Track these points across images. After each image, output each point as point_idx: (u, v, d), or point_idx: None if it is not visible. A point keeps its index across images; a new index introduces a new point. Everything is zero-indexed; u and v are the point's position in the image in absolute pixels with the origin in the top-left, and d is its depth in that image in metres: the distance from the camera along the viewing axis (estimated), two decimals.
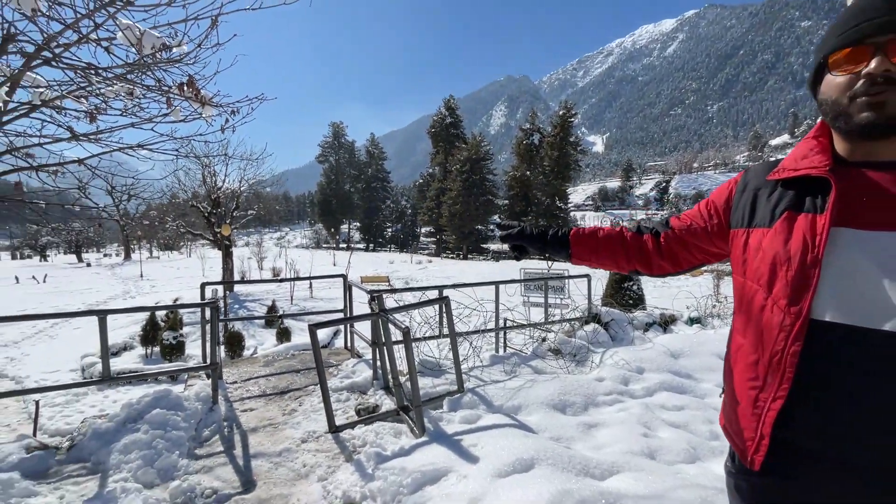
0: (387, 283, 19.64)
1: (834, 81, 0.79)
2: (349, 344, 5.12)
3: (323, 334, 9.72)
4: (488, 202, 45.88)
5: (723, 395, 1.02)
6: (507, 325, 5.21)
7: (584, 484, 2.02)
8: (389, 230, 72.01)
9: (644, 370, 4.04)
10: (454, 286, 4.39)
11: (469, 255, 45.36)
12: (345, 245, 62.75)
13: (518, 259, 1.43)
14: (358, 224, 68.95)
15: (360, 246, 68.02)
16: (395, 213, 72.25)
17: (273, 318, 9.56)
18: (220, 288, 12.76)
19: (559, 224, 41.96)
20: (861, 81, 0.74)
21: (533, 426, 3.00)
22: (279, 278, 5.71)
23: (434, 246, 54.72)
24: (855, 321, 0.73)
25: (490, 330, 4.79)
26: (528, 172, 43.79)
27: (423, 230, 62.25)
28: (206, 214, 15.10)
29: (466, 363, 4.33)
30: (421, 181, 59.19)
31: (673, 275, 1.21)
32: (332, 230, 66.95)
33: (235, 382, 4.28)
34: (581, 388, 3.53)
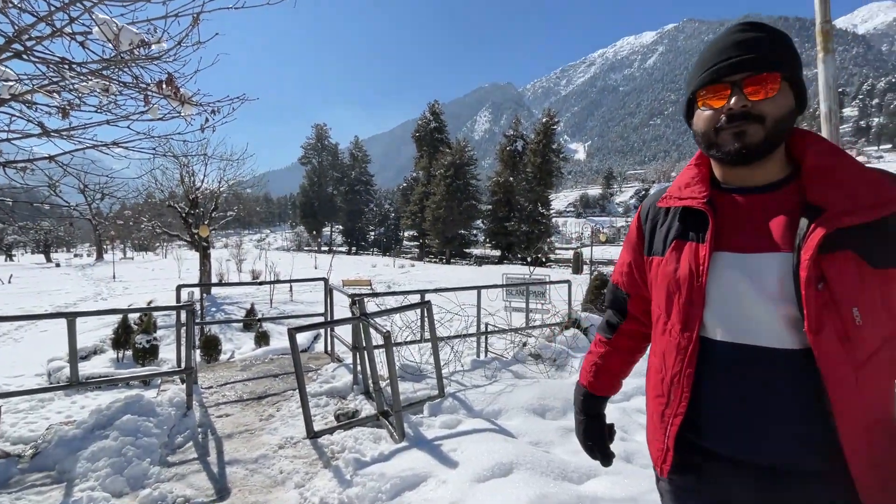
0: (369, 287, 19.48)
1: (703, 115, 0.86)
2: (329, 348, 5.06)
3: (303, 338, 9.58)
4: (472, 207, 46.06)
5: None
6: (489, 329, 5.23)
7: (562, 488, 2.04)
8: (372, 234, 71.54)
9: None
10: (436, 290, 4.39)
11: (452, 260, 45.40)
12: (327, 248, 62.10)
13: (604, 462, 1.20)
14: (340, 227, 68.31)
15: (343, 249, 67.37)
16: (379, 216, 71.85)
17: (251, 321, 9.37)
18: (197, 290, 12.47)
19: (539, 230, 42.01)
20: (723, 116, 0.81)
21: (513, 431, 3.01)
22: (258, 281, 5.61)
23: (417, 250, 54.60)
24: (737, 339, 0.81)
25: (471, 335, 4.80)
26: (511, 178, 44.13)
27: (406, 234, 62.02)
28: (184, 215, 14.75)
29: (447, 368, 4.33)
30: (405, 185, 59.08)
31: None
32: (314, 233, 66.20)
33: (211, 387, 4.18)
34: (561, 393, 3.57)
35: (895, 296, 0.74)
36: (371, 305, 4.75)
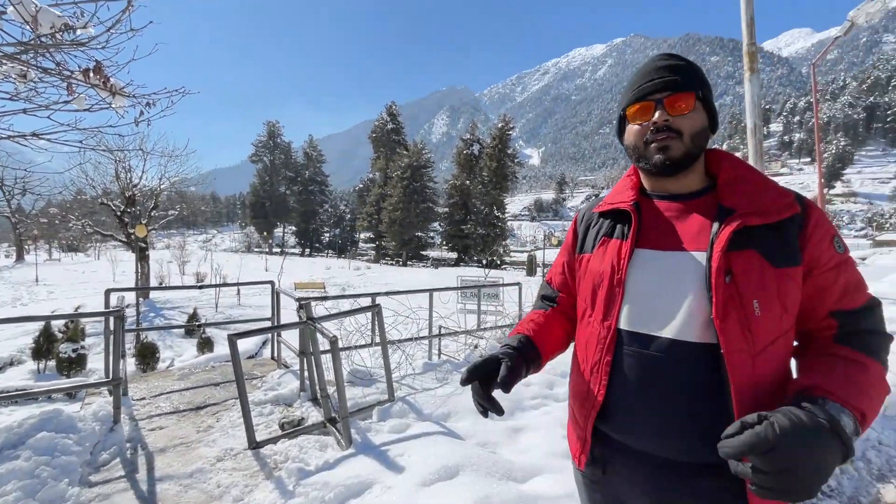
0: (322, 290, 19.00)
1: (632, 130, 0.95)
2: (276, 354, 4.88)
3: (250, 344, 9.20)
4: (428, 209, 46.14)
5: None
6: (442, 332, 5.25)
7: (506, 488, 2.08)
8: (327, 235, 69.86)
9: (567, 373, 4.24)
10: (386, 294, 4.34)
11: (409, 262, 45.21)
12: (279, 249, 59.87)
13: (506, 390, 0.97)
14: (293, 228, 66.14)
15: (296, 251, 65.29)
16: (334, 217, 70.29)
17: (192, 326, 8.86)
18: (132, 295, 11.62)
19: (495, 233, 42.70)
20: (650, 130, 0.90)
21: (461, 433, 3.03)
22: (200, 284, 5.31)
23: (373, 252, 53.90)
24: (651, 331, 0.87)
25: (423, 337, 4.79)
26: (467, 182, 44.64)
27: (362, 236, 61.00)
28: (119, 213, 13.75)
29: (399, 371, 4.30)
30: (361, 186, 58.18)
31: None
32: (265, 234, 63.62)
33: (143, 399, 3.91)
34: (510, 394, 3.63)
35: (789, 293, 0.81)
36: (321, 309, 4.63)
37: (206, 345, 8.87)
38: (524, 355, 1.00)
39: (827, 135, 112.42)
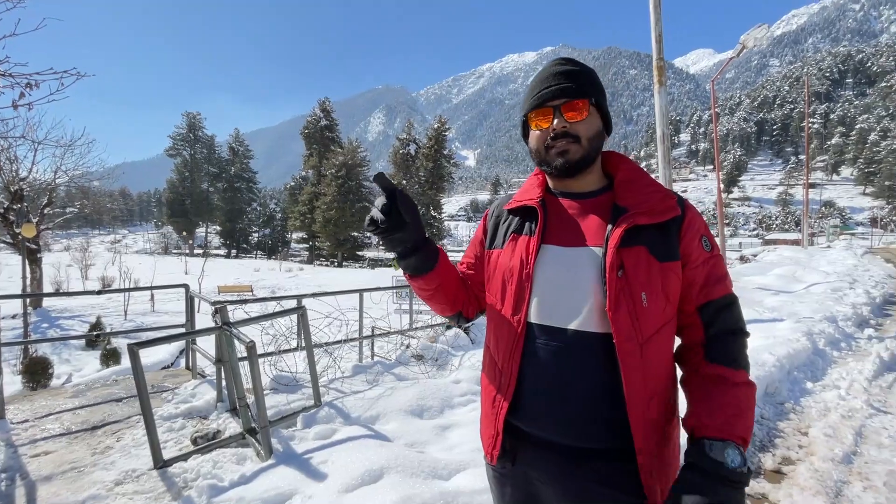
0: (250, 293, 17.92)
1: (534, 135, 0.98)
2: (191, 363, 4.51)
3: (165, 354, 8.44)
4: (364, 209, 45.25)
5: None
6: (376, 333, 5.16)
7: (429, 486, 2.07)
8: (256, 235, 66.07)
9: None
10: (314, 295, 4.18)
11: (345, 263, 44.08)
12: (201, 251, 55.55)
13: (388, 248, 0.99)
14: (218, 228, 61.74)
15: (221, 252, 61.01)
16: (263, 216, 66.65)
17: (92, 337, 7.97)
18: (20, 303, 10.18)
19: (432, 233, 42.99)
20: (549, 136, 0.95)
21: (389, 434, 2.99)
22: (101, 289, 4.78)
23: (307, 253, 51.85)
24: (556, 323, 0.91)
25: (353, 339, 4.68)
26: (404, 181, 44.41)
27: (294, 236, 58.39)
28: (2, 210, 12.00)
29: (327, 375, 4.16)
30: (293, 184, 55.68)
31: (481, 314, 1.17)
32: (185, 234, 58.72)
33: (26, 421, 3.43)
34: (439, 392, 3.65)
35: (671, 285, 0.89)
36: (241, 314, 4.35)
37: (111, 357, 7.99)
38: (428, 241, 1.02)
39: (726, 145, 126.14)
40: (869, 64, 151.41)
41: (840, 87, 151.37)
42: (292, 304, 4.31)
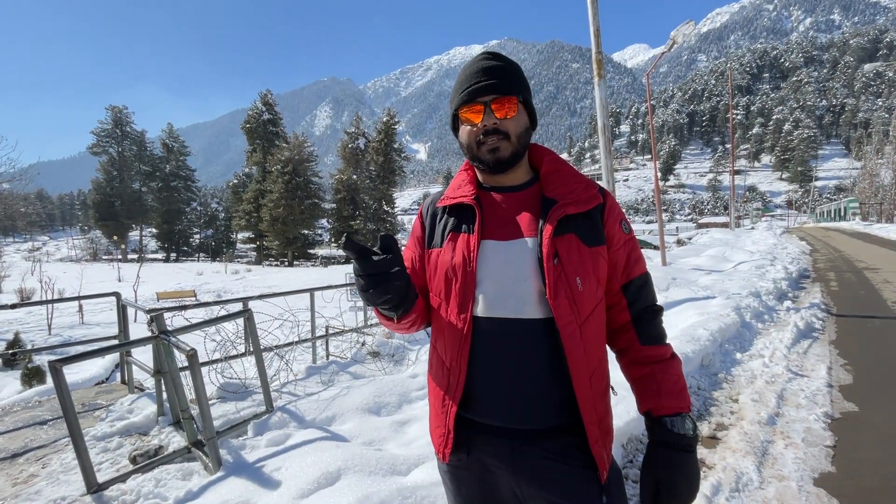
0: (193, 298, 16.91)
1: (465, 130, 1.00)
2: (126, 377, 4.20)
3: (98, 369, 7.80)
4: (314, 206, 43.96)
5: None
6: (329, 332, 5.03)
7: (387, 483, 2.06)
8: (197, 237, 62.34)
9: None
10: (261, 297, 4.01)
11: (295, 262, 42.65)
12: (136, 256, 51.59)
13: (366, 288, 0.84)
14: (154, 230, 57.57)
15: (159, 256, 57.05)
16: (205, 217, 62.99)
17: (8, 355, 7.27)
18: None
19: (385, 228, 42.56)
20: (481, 132, 0.96)
21: (346, 434, 2.94)
22: (15, 303, 4.34)
23: (254, 253, 49.66)
24: (502, 314, 0.94)
25: (305, 340, 4.54)
26: (354, 176, 43.50)
27: (240, 236, 55.65)
28: None
29: (279, 379, 4.01)
30: (236, 181, 52.94)
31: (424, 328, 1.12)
32: (117, 238, 54.22)
33: None
34: (396, 388, 3.62)
35: (600, 267, 0.96)
36: (182, 321, 4.09)
37: (33, 376, 7.25)
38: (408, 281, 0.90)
39: (661, 136, 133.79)
40: (782, 60, 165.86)
41: (759, 81, 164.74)
42: (239, 307, 4.11)
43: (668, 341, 1.02)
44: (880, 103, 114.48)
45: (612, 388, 1.03)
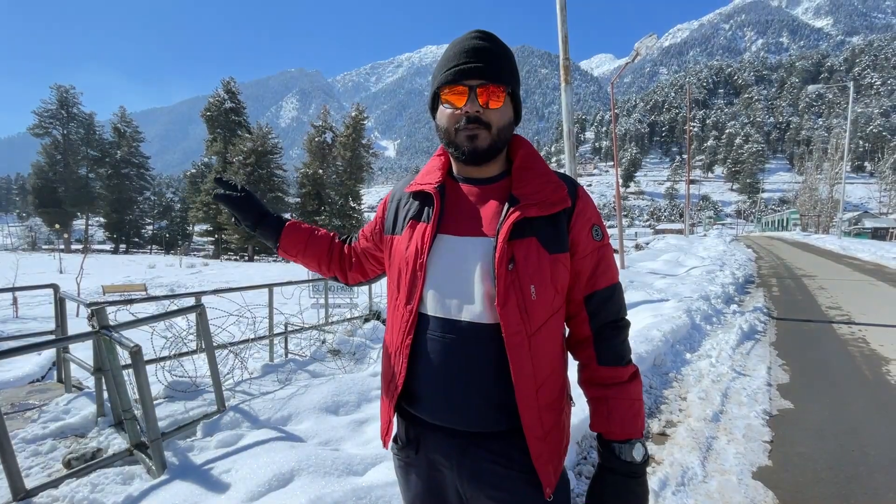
0: (143, 292, 16.02)
1: (444, 112, 0.92)
2: (63, 376, 3.92)
3: (35, 366, 7.27)
4: (277, 199, 42.65)
5: None
6: (286, 330, 4.88)
7: (342, 484, 2.01)
8: (150, 228, 59.16)
9: None
10: (214, 292, 3.84)
11: (256, 257, 41.25)
12: (81, 246, 48.34)
13: (237, 225, 1.27)
14: (102, 220, 54.10)
15: (107, 247, 53.72)
16: (159, 207, 59.92)
17: None
18: None
19: (352, 224, 41.96)
20: (462, 118, 0.89)
21: (302, 434, 2.86)
22: None
23: (212, 247, 47.65)
24: (448, 314, 0.90)
25: (262, 338, 4.38)
26: (320, 171, 42.54)
27: (196, 228, 53.20)
28: None
29: (233, 378, 3.86)
30: (194, 171, 50.60)
31: (364, 283, 1.28)
32: (59, 227, 50.57)
33: None
34: (356, 386, 3.56)
35: (560, 276, 0.90)
36: (127, 315, 3.85)
37: None
38: (265, 213, 1.23)
39: (624, 144, 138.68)
40: (735, 77, 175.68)
41: (714, 96, 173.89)
42: (191, 302, 3.91)
43: (629, 360, 0.96)
44: (821, 122, 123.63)
45: (571, 399, 1.00)
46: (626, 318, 1.00)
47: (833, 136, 51.04)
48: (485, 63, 0.87)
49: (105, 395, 3.20)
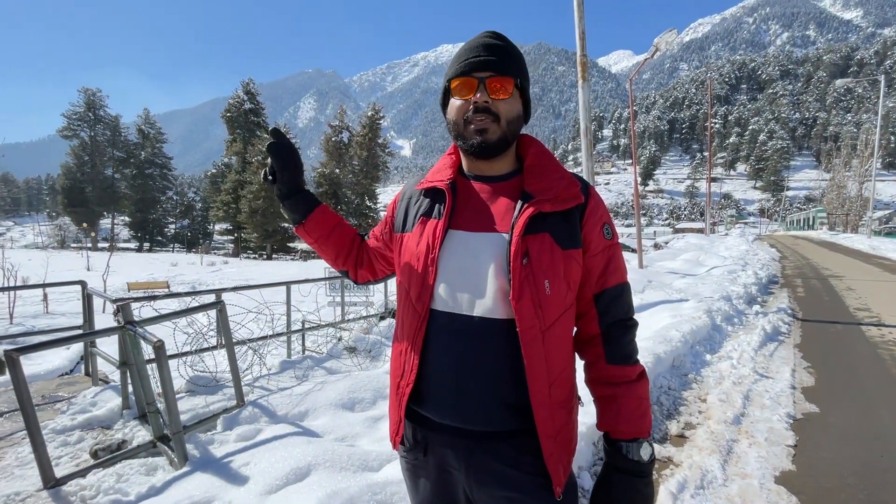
0: (166, 290, 16.45)
1: (455, 105, 0.94)
2: (90, 369, 4.05)
3: (64, 360, 7.53)
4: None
5: None
6: (304, 327, 4.95)
7: (357, 480, 2.04)
8: (173, 227, 60.64)
9: None
10: (234, 289, 3.92)
11: (274, 255, 41.94)
12: (106, 244, 49.84)
13: (271, 185, 1.14)
14: (127, 219, 55.72)
15: (132, 246, 55.25)
16: (181, 206, 61.32)
17: None
18: None
19: (367, 223, 42.26)
20: (470, 108, 0.91)
21: (318, 430, 2.90)
22: None
23: (232, 245, 48.60)
24: (460, 310, 0.90)
25: (280, 335, 4.46)
26: (337, 170, 42.97)
27: (217, 227, 54.31)
28: None
29: (251, 373, 3.93)
30: (214, 171, 51.66)
31: (373, 282, 1.26)
32: (87, 225, 52.24)
33: None
34: (371, 383, 3.59)
35: (572, 272, 0.91)
36: (151, 311, 3.97)
37: None
38: (303, 187, 1.14)
39: (642, 141, 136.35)
40: (759, 72, 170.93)
41: (737, 92, 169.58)
42: (212, 298, 4.00)
43: (636, 360, 0.97)
44: (850, 118, 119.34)
45: (580, 398, 1.00)
46: (634, 317, 1.00)
47: (863, 132, 49.23)
48: (495, 57, 0.90)
49: (130, 388, 3.30)
